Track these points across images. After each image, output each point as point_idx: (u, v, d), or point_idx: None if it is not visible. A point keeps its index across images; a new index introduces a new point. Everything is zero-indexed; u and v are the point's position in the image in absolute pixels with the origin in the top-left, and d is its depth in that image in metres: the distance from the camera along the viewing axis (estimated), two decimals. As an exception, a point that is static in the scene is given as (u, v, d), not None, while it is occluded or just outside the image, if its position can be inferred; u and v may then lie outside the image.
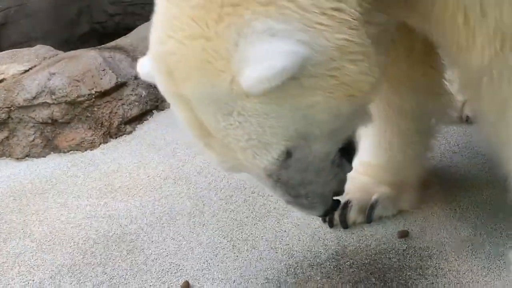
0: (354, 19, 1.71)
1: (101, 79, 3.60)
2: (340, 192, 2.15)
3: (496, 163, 2.70)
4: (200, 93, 1.72)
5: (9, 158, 3.54)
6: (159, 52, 1.78)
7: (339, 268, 2.38)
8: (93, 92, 3.55)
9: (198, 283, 2.41)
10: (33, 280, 2.53)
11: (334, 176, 2.04)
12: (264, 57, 1.59)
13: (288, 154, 1.83)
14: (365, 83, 1.79)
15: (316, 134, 1.83)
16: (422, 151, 2.67)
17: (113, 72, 3.65)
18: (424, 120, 2.59)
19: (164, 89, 1.84)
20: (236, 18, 1.63)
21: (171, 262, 2.54)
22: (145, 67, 1.92)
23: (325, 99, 1.74)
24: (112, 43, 4.07)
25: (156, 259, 2.58)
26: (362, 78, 1.77)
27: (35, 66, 3.75)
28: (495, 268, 2.29)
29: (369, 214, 2.58)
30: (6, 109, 3.53)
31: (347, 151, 2.06)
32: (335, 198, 2.13)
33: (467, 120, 3.13)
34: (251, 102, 1.68)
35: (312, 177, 1.97)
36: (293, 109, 1.73)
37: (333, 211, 2.20)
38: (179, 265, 2.53)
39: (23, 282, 2.53)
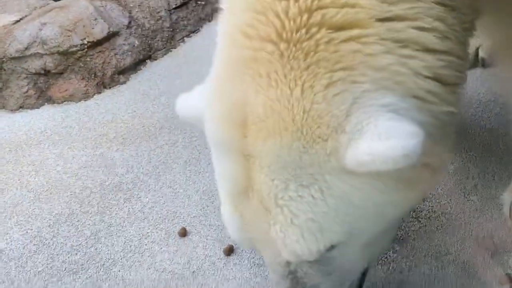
0: (461, 66, 1.64)
1: (93, 28, 3.56)
2: None
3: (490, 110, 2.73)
4: (281, 155, 1.53)
5: (3, 110, 3.52)
6: (235, 101, 1.57)
7: (334, 212, 2.41)
8: (85, 42, 3.51)
9: (195, 229, 2.45)
10: (32, 229, 2.56)
11: None
12: (391, 134, 1.43)
13: (330, 248, 1.64)
14: (446, 166, 1.76)
15: (364, 236, 1.69)
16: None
17: (104, 21, 3.61)
18: None
19: (219, 139, 1.65)
20: (351, 85, 1.49)
21: (168, 210, 2.58)
22: (188, 106, 1.78)
23: (412, 194, 1.65)
24: (103, -8, 4.01)
25: (153, 207, 2.61)
26: (447, 160, 1.71)
27: (26, 16, 3.69)
28: (487, 210, 2.33)
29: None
30: (-2, 60, 3.51)
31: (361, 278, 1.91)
32: None
33: (483, 64, 3.08)
34: (341, 182, 1.53)
35: (324, 285, 1.77)
36: (377, 203, 1.60)
37: None
38: (176, 212, 2.56)
39: (22, 231, 2.56)
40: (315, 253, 1.61)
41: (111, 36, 3.61)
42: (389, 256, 2.20)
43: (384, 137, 1.43)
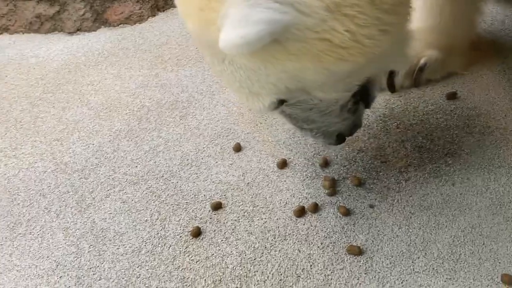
0: None
1: (147, -49, 3.58)
2: (347, 134, 2.13)
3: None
4: (197, 34, 1.78)
5: (61, 32, 3.61)
6: None
7: (386, 129, 2.44)
8: (139, -35, 3.55)
9: (249, 144, 2.51)
10: (93, 144, 2.67)
11: (342, 120, 2.02)
12: (239, 23, 1.53)
13: (281, 101, 1.86)
14: (359, 48, 1.70)
15: (311, 87, 1.81)
16: (473, 15, 2.63)
17: None
18: None
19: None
20: None
21: (222, 127, 2.64)
22: None
23: (314, 63, 1.69)
24: None
25: (208, 124, 2.68)
26: (360, 44, 1.69)
27: None
28: (543, 125, 2.32)
29: (417, 77, 2.59)
30: (56, -18, 3.58)
31: (363, 95, 2.01)
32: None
33: None
34: (238, 56, 1.69)
35: (316, 117, 1.98)
36: (279, 71, 1.71)
37: (337, 144, 2.18)
38: (230, 129, 2.62)
39: (84, 145, 2.67)
40: (265, 109, 1.86)
41: (165, -43, 3.62)
42: (442, 169, 2.22)
43: (235, 24, 1.54)
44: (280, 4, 1.55)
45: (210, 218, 2.20)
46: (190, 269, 2.02)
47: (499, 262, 1.89)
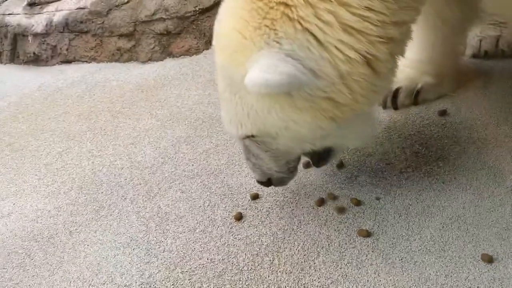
0: (379, 23, 1.62)
1: (203, -2, 3.64)
2: (273, 184, 2.10)
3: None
4: (223, 66, 1.78)
5: (136, 61, 3.69)
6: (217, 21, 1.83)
7: (390, 138, 2.44)
8: (197, 9, 3.58)
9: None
10: (159, 147, 2.72)
11: (279, 170, 2.01)
12: (268, 69, 1.57)
13: (252, 136, 1.86)
14: (354, 105, 1.72)
15: (284, 136, 1.81)
16: (458, 48, 2.62)
17: (212, -8, 3.68)
18: (461, 24, 2.52)
19: None
20: (270, 32, 1.62)
21: (260, 135, 2.66)
22: None
23: (313, 119, 1.71)
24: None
25: (249, 133, 2.70)
26: (355, 102, 1.71)
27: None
28: (515, 137, 2.29)
29: (415, 98, 2.58)
30: (132, 23, 3.65)
31: (319, 158, 2.04)
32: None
33: (503, 54, 2.82)
34: (250, 95, 1.70)
35: (264, 158, 1.97)
36: (278, 118, 1.73)
37: (263, 185, 2.13)
38: (266, 137, 2.64)
39: (152, 148, 2.73)
40: (238, 135, 1.88)
41: (218, 4, 3.60)
42: (434, 170, 2.21)
43: (263, 69, 1.57)
44: (303, 67, 1.59)
45: (250, 206, 2.22)
46: (234, 245, 2.05)
47: (480, 244, 1.88)
